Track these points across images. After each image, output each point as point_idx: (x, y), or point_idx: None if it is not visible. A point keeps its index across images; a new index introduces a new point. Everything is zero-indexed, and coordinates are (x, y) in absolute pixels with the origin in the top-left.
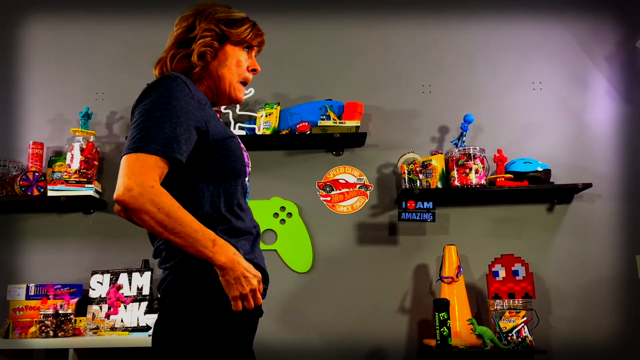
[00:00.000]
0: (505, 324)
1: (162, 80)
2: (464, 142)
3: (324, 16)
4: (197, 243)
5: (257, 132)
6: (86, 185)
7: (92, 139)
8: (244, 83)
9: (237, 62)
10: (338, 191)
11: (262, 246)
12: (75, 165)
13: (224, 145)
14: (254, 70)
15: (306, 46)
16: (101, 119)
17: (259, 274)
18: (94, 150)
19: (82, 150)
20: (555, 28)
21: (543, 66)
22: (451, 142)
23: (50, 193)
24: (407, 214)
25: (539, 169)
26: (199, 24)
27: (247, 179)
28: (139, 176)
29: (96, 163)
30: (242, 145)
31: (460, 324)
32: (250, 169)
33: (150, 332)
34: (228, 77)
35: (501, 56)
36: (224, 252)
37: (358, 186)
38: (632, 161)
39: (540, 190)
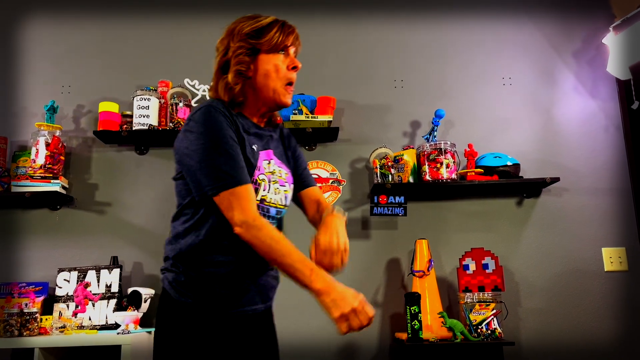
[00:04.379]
0: (475, 317)
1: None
2: (435, 137)
3: (296, 11)
4: (297, 272)
5: None
6: (52, 181)
7: (58, 133)
8: (291, 84)
9: (274, 68)
10: None
11: None
12: (41, 160)
13: None
14: (294, 68)
15: None
16: (67, 112)
17: (360, 296)
18: (60, 144)
19: (47, 144)
20: (525, 25)
21: (513, 62)
22: (422, 137)
23: (14, 189)
24: (379, 208)
25: (509, 163)
26: (232, 45)
27: None
28: (242, 212)
29: (62, 158)
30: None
31: (432, 317)
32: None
33: (120, 329)
34: (270, 85)
35: (472, 52)
36: (320, 278)
37: (331, 181)
38: (598, 155)
39: (509, 185)
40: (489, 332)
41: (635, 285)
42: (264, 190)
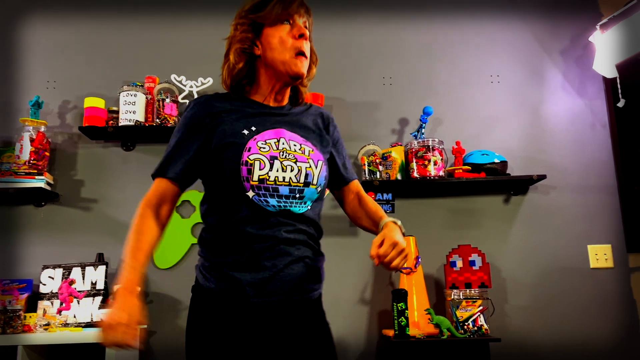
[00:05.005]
0: (461, 314)
1: None
2: (423, 134)
3: None
4: (123, 263)
5: None
6: (36, 177)
7: (42, 128)
8: (301, 53)
9: (279, 40)
10: None
11: None
12: (25, 156)
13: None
14: (301, 36)
15: None
16: (53, 108)
17: (137, 318)
18: (45, 140)
19: (32, 140)
20: (513, 23)
21: (501, 60)
22: (411, 134)
23: None
24: None
25: (496, 160)
26: (235, 24)
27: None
28: (144, 197)
29: (47, 154)
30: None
31: (419, 313)
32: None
33: None
34: (278, 58)
35: (461, 50)
36: (123, 283)
37: None
38: (584, 153)
39: (497, 182)
40: (476, 328)
41: (620, 282)
42: (260, 169)
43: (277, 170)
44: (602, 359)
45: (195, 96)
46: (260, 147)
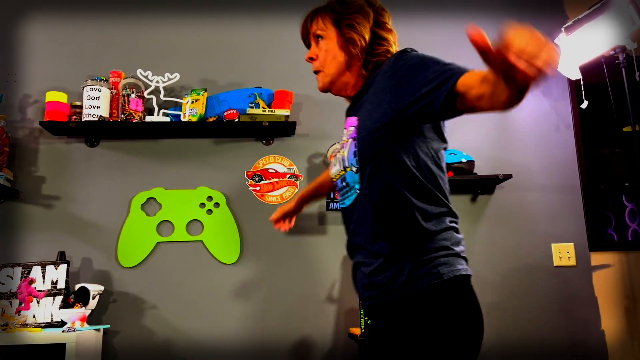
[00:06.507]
0: None
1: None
2: None
3: (255, 3)
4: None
5: (182, 118)
6: None
7: (2, 123)
8: (315, 72)
9: None
10: (267, 181)
11: (187, 237)
12: None
13: None
14: (311, 59)
15: (236, 32)
16: (13, 102)
17: None
18: (5, 135)
19: None
20: (482, 23)
21: (470, 61)
22: None
23: None
24: (335, 203)
25: (463, 160)
26: None
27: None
28: None
29: (7, 149)
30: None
31: None
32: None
33: (65, 327)
34: None
35: (429, 50)
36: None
37: (288, 176)
38: (549, 153)
39: (464, 181)
40: None
41: (583, 280)
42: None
43: (333, 168)
44: (564, 354)
45: (162, 92)
46: (333, 152)
